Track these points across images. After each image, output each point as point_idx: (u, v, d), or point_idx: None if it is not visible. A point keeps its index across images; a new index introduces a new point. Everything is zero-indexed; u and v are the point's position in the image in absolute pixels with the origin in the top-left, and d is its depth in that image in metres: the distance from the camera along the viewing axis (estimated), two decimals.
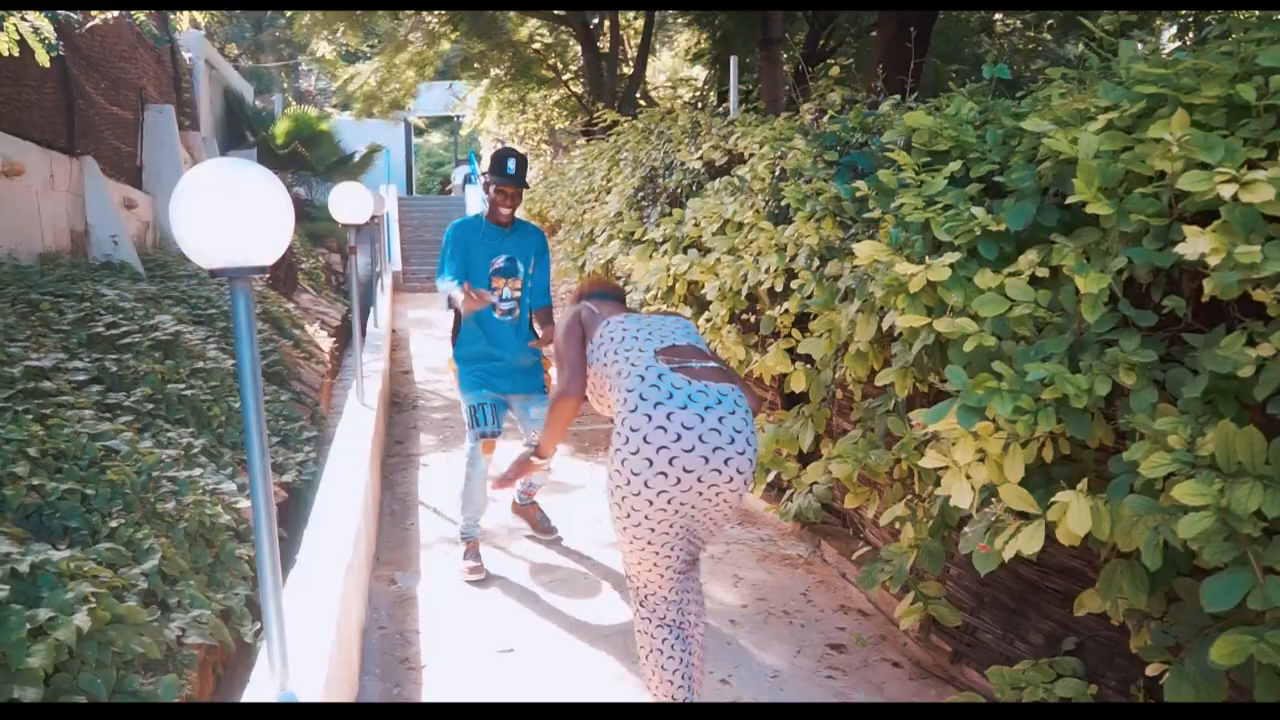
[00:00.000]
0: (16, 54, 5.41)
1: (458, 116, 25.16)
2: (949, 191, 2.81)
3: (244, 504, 4.44)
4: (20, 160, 7.11)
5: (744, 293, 4.47)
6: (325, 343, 10.26)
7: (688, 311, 5.06)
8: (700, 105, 12.90)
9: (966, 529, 2.64)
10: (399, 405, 8.07)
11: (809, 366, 4.09)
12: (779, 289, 4.12)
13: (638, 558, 2.49)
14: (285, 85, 26.06)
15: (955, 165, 2.90)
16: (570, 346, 2.69)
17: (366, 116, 16.87)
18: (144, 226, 10.24)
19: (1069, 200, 2.39)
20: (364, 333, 8.16)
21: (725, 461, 2.35)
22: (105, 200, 8.57)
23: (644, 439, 2.33)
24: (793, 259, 4.00)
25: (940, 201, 2.79)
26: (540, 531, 4.67)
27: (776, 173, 4.49)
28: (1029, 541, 2.34)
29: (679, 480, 2.32)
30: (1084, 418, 2.27)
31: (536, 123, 17.73)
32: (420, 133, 34.37)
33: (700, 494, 2.36)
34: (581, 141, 11.22)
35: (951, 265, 2.62)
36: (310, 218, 16.97)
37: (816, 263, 3.80)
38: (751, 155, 4.91)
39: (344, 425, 5.35)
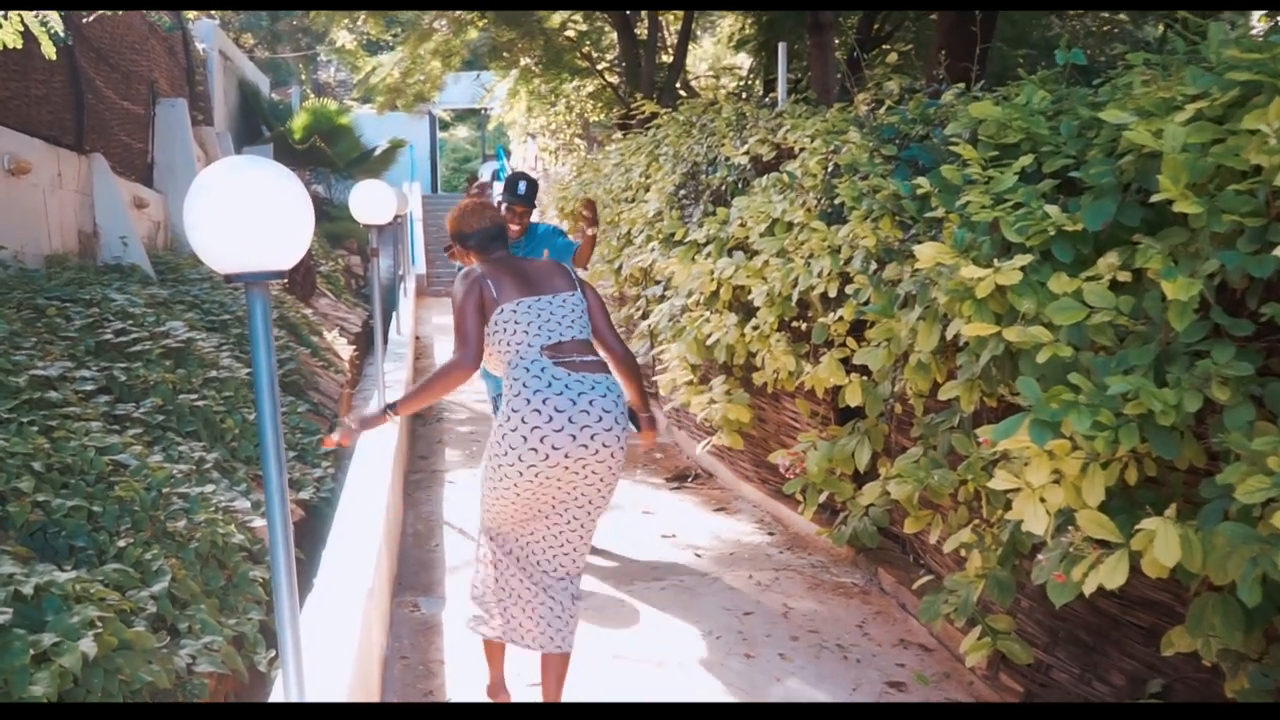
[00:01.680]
0: (20, 46, 5.50)
1: (485, 109, 25.34)
2: (1020, 188, 2.78)
3: (258, 523, 4.48)
4: (27, 158, 7.27)
5: (794, 298, 4.45)
6: (345, 350, 10.35)
7: (732, 319, 5.04)
8: (746, 96, 12.89)
9: (1040, 557, 2.60)
10: (422, 418, 8.13)
11: (865, 378, 4.06)
12: (833, 294, 4.10)
13: (496, 507, 3.05)
14: (303, 77, 26.42)
15: (1026, 159, 2.86)
16: (469, 317, 3.02)
17: (389, 110, 17.00)
18: (155, 227, 10.42)
19: (1153, 198, 2.34)
20: (386, 340, 8.22)
21: (591, 437, 2.90)
22: (115, 199, 8.73)
23: (522, 419, 2.89)
24: (848, 262, 3.98)
25: (1010, 199, 2.76)
26: None
27: (829, 168, 4.47)
28: (1111, 573, 2.29)
29: (547, 456, 2.88)
30: (1172, 436, 2.23)
31: (569, 115, 17.79)
32: (446, 127, 34.67)
33: (568, 468, 2.92)
34: (618, 135, 11.24)
35: (1023, 268, 2.59)
36: (329, 217, 17.17)
37: (874, 266, 3.78)
38: (802, 149, 4.89)
39: (364, 439, 5.38)
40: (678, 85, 14.06)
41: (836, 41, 11.08)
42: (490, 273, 3.09)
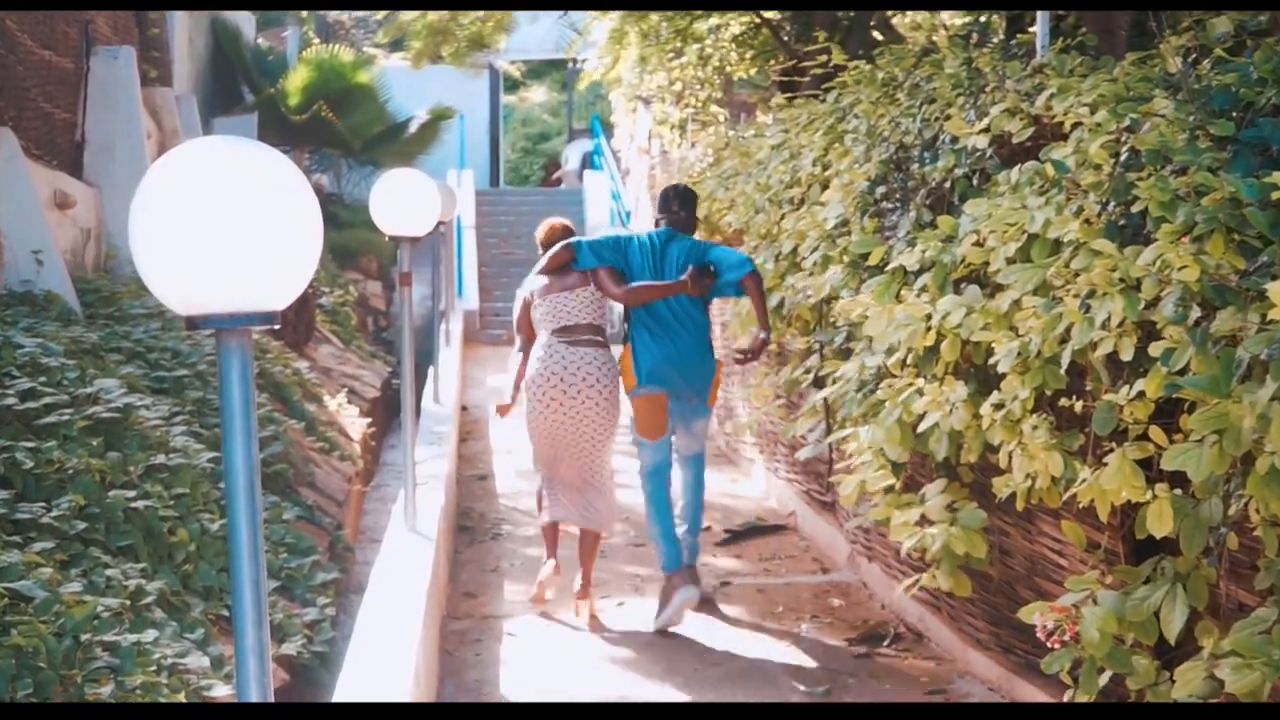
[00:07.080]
0: None
1: (575, 62, 25.75)
2: None
3: (221, 691, 4.52)
4: None
5: (1063, 361, 4.36)
6: (355, 425, 10.53)
7: (961, 391, 4.96)
8: (981, 40, 12.81)
9: None
10: (470, 531, 8.19)
11: (1179, 493, 3.93)
12: (1127, 356, 4.02)
13: (534, 447, 6.74)
14: (305, 14, 27.32)
15: None
16: (524, 323, 6.89)
17: (429, 62, 17.42)
18: (83, 235, 10.79)
19: None
20: (418, 411, 8.33)
21: (577, 392, 6.43)
22: (28, 196, 9.06)
23: (532, 379, 6.52)
24: (1152, 305, 3.91)
25: None
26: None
27: (1122, 156, 4.41)
28: None
29: (547, 403, 6.47)
30: None
31: (703, 70, 17.94)
32: (515, 87, 35.43)
33: (563, 409, 6.44)
34: (779, 101, 11.28)
35: None
36: (337, 223, 17.61)
37: (1196, 313, 3.71)
38: (1076, 126, 4.84)
39: (383, 564, 5.43)
40: (872, 24, 14.07)
41: None
42: (540, 289, 6.71)
